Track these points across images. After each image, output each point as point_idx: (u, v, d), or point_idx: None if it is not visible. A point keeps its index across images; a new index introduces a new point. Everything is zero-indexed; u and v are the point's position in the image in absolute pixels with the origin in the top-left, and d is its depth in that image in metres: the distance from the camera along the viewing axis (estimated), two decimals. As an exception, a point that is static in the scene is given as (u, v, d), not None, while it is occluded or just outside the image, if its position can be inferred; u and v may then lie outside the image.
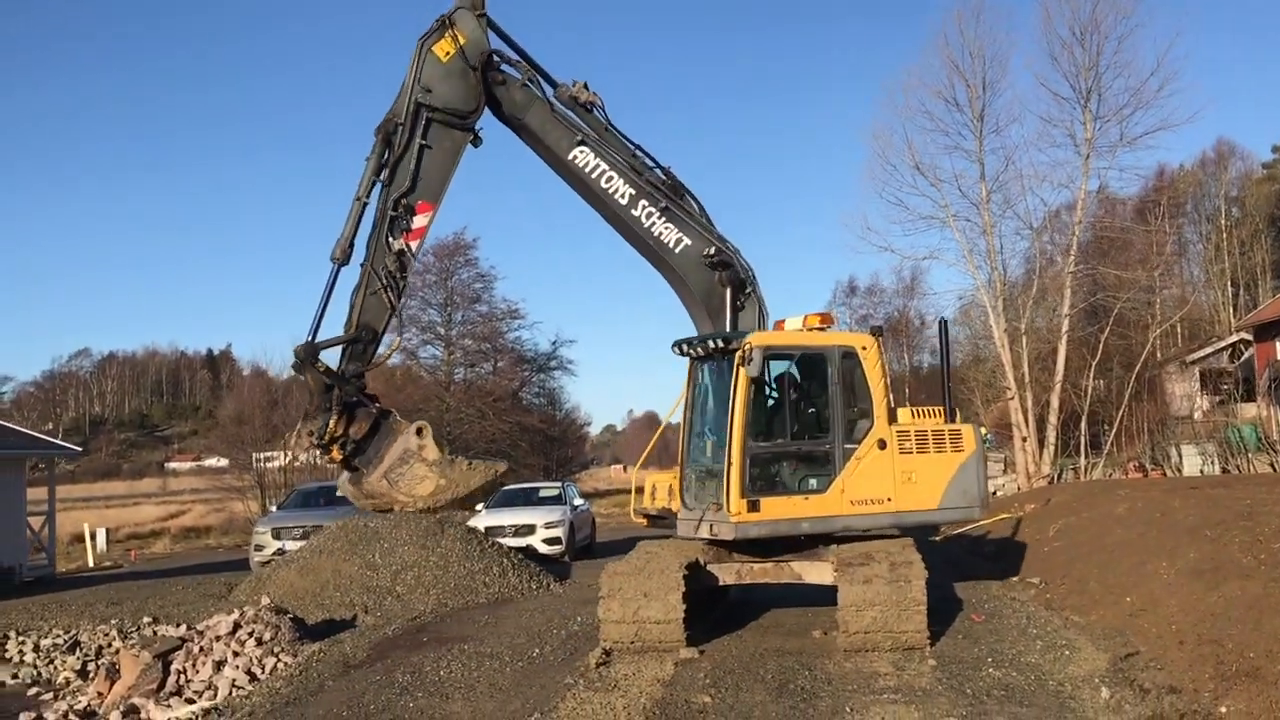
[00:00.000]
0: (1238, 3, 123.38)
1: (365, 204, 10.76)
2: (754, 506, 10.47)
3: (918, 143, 35.32)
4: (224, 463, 57.70)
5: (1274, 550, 10.74)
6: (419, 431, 10.79)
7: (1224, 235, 57.19)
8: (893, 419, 11.14)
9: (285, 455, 49.93)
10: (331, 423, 10.59)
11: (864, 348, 11.12)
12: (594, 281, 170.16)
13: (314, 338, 10.86)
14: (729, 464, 10.46)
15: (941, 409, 11.71)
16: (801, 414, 11.33)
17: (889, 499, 10.84)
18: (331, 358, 11.62)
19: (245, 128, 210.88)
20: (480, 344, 60.73)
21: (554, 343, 64.72)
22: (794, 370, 11.32)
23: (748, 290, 11.63)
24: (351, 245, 10.77)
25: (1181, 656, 8.78)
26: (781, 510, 10.66)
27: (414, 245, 10.97)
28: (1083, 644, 10.11)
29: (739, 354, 10.49)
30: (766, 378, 10.90)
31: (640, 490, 12.14)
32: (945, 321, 12.28)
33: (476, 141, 11.23)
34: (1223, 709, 7.29)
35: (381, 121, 10.66)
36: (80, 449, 31.74)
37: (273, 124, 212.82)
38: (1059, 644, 10.19)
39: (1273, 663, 7.63)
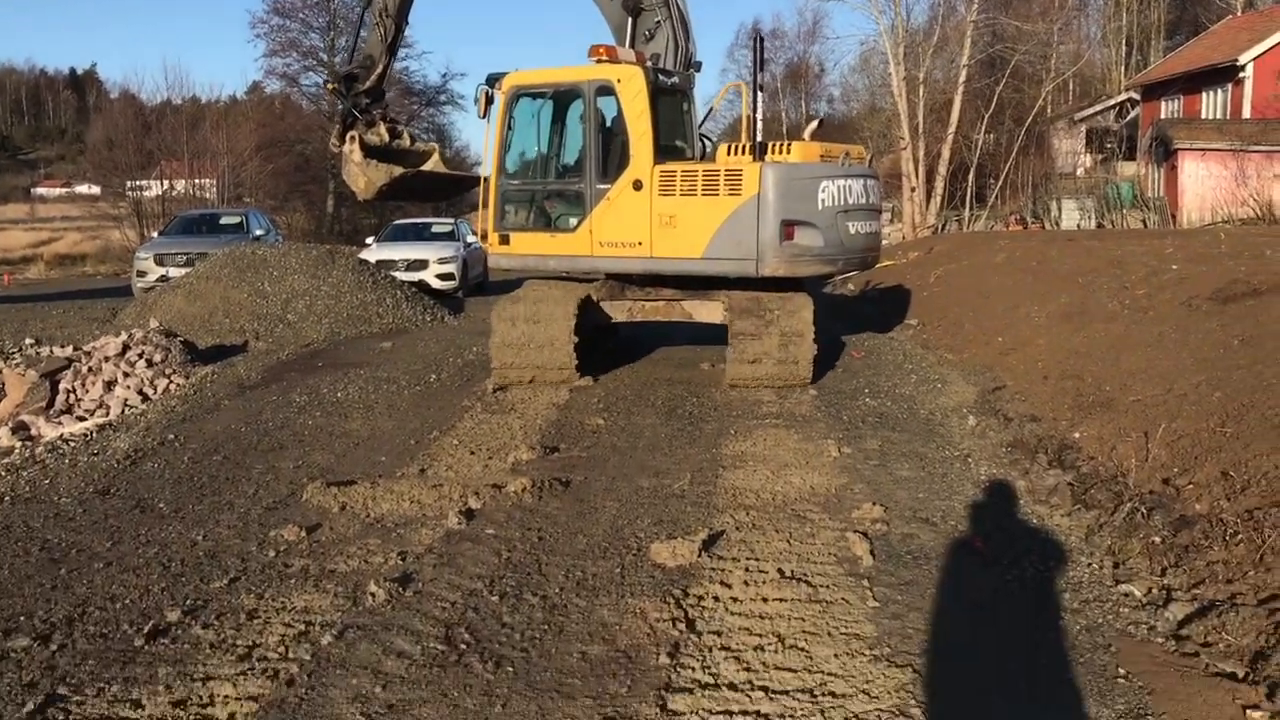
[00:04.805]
0: None
1: None
2: (504, 240, 10.93)
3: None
4: (96, 190, 55.13)
5: (1138, 296, 11.36)
6: (350, 139, 12.13)
7: (1124, -9, 56.93)
8: (660, 158, 10.31)
9: (161, 183, 47.82)
10: (335, 130, 12.59)
11: (619, 80, 10.17)
12: (488, 12, 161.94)
13: (347, 65, 13.12)
14: (487, 201, 10.90)
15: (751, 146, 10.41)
16: (560, 153, 11.22)
17: (640, 243, 10.34)
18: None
19: None
20: (366, 73, 58.05)
21: (444, 75, 62.71)
22: (567, 109, 10.97)
23: (656, 20, 11.17)
24: None
25: (1044, 390, 9.39)
26: (529, 246, 10.89)
27: None
28: (954, 379, 10.71)
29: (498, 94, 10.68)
30: (511, 116, 10.71)
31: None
32: (761, 37, 11.64)
33: None
34: (1076, 434, 7.88)
35: None
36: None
37: None
38: (932, 379, 10.78)
39: (1125, 394, 8.21)
